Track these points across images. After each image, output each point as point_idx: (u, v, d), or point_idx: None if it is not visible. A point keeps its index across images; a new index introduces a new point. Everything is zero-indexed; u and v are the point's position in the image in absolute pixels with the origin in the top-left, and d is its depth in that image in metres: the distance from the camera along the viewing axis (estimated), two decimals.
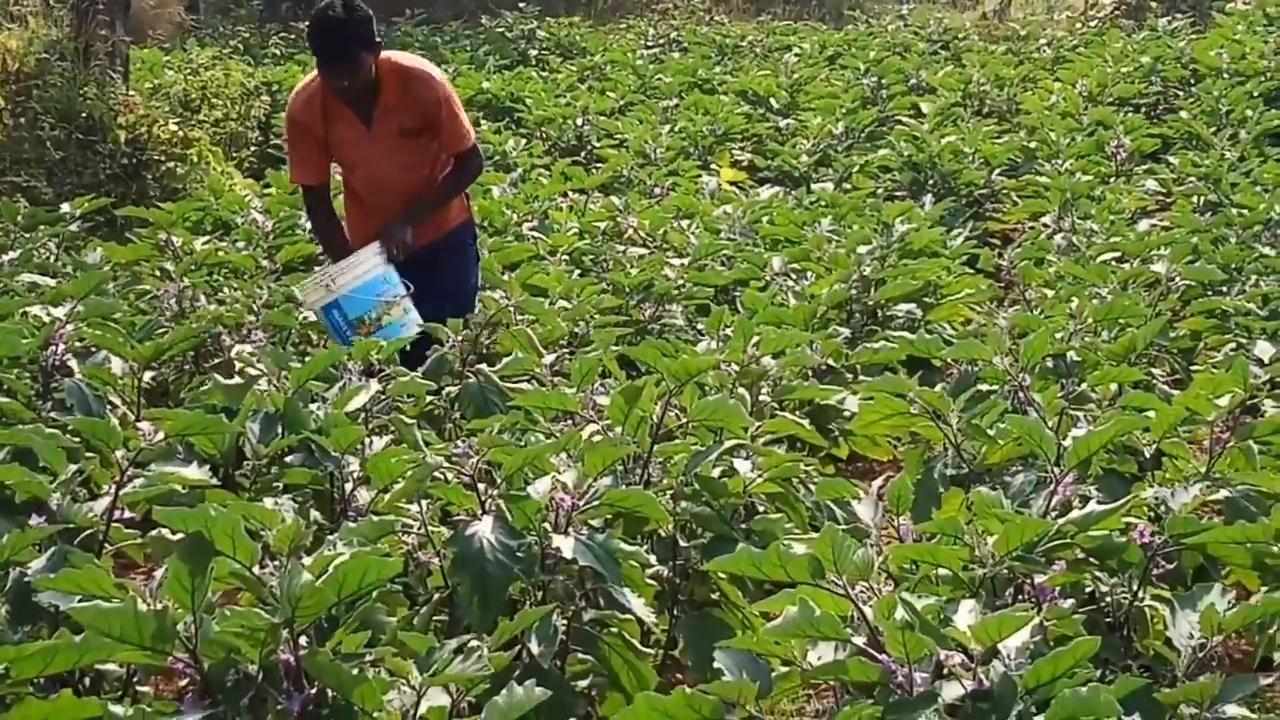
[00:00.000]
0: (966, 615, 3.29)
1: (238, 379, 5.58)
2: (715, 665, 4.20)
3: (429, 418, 5.89)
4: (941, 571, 3.84)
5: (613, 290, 8.02)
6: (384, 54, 6.85)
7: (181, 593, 3.18)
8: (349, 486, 4.82)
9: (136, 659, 3.28)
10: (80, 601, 3.32)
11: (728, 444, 4.69)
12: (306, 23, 7.00)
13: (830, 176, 12.57)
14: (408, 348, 6.42)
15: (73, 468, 4.46)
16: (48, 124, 11.87)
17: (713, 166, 13.12)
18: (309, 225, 8.02)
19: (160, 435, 4.30)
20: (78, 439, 4.70)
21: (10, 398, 5.53)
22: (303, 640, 3.28)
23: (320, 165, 7.11)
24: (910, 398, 5.19)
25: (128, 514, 4.34)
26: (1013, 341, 5.93)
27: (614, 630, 4.11)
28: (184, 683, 4.80)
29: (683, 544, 4.59)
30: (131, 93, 12.72)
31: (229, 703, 3.27)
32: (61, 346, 5.83)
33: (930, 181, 11.85)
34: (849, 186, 11.99)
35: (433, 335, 6.42)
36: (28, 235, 9.26)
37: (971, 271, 8.99)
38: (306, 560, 3.38)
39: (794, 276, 8.40)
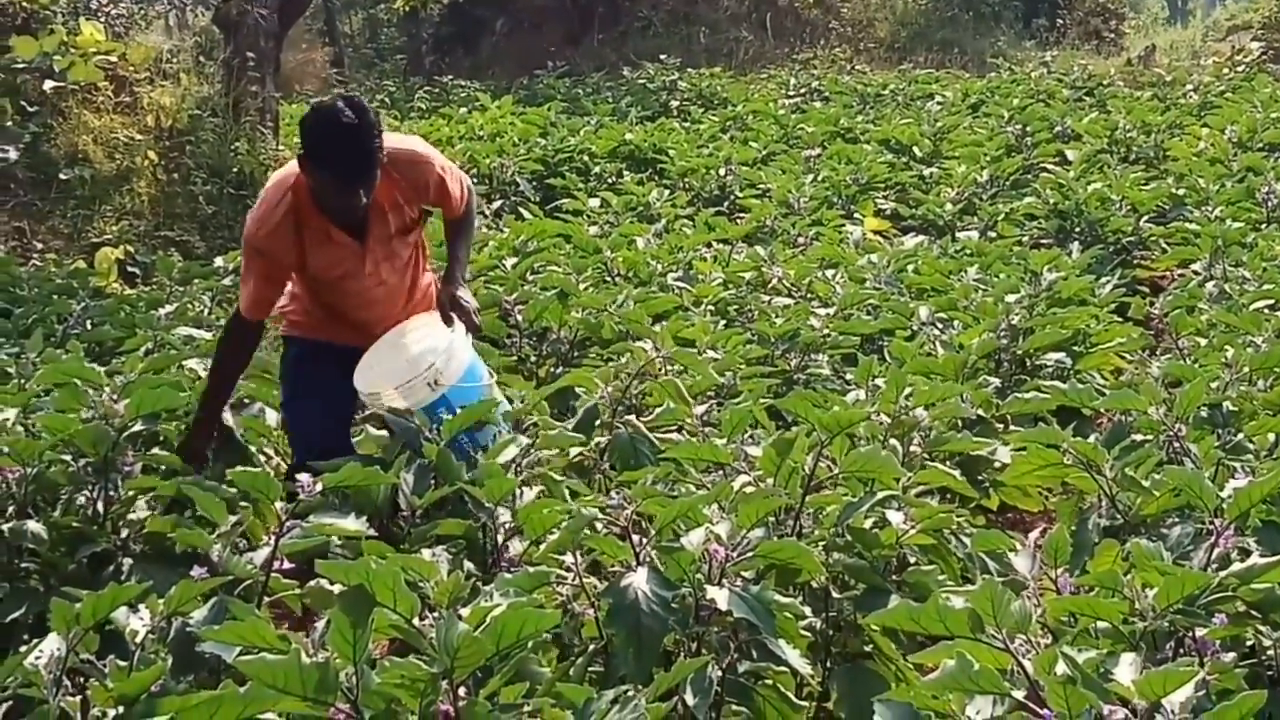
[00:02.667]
0: (1128, 669, 3.26)
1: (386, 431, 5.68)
2: (871, 718, 4.24)
3: (578, 468, 5.92)
4: (1101, 625, 3.80)
5: (758, 340, 8.01)
6: None
7: (344, 644, 3.21)
8: (501, 537, 4.86)
9: (299, 709, 3.31)
10: (242, 653, 3.37)
11: (880, 495, 4.67)
12: (313, 132, 5.48)
13: (975, 225, 12.48)
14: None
15: (232, 519, 4.53)
16: (200, 179, 12.12)
17: (856, 215, 13.07)
18: (219, 357, 5.94)
19: (318, 487, 4.36)
20: (234, 490, 4.78)
21: (169, 451, 5.62)
22: (461, 691, 3.31)
23: (275, 299, 5.95)
24: (1064, 448, 5.15)
25: (286, 564, 4.41)
26: (1166, 391, 5.85)
27: (768, 682, 4.11)
28: None
29: (835, 595, 4.57)
30: (281, 147, 12.94)
31: None
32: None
33: (1077, 229, 11.73)
34: (994, 235, 11.90)
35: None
36: (182, 289, 9.45)
37: (1120, 320, 8.89)
38: (464, 611, 3.41)
39: (941, 326, 8.36)
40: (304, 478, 4.36)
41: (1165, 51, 26.21)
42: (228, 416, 6.01)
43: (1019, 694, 3.14)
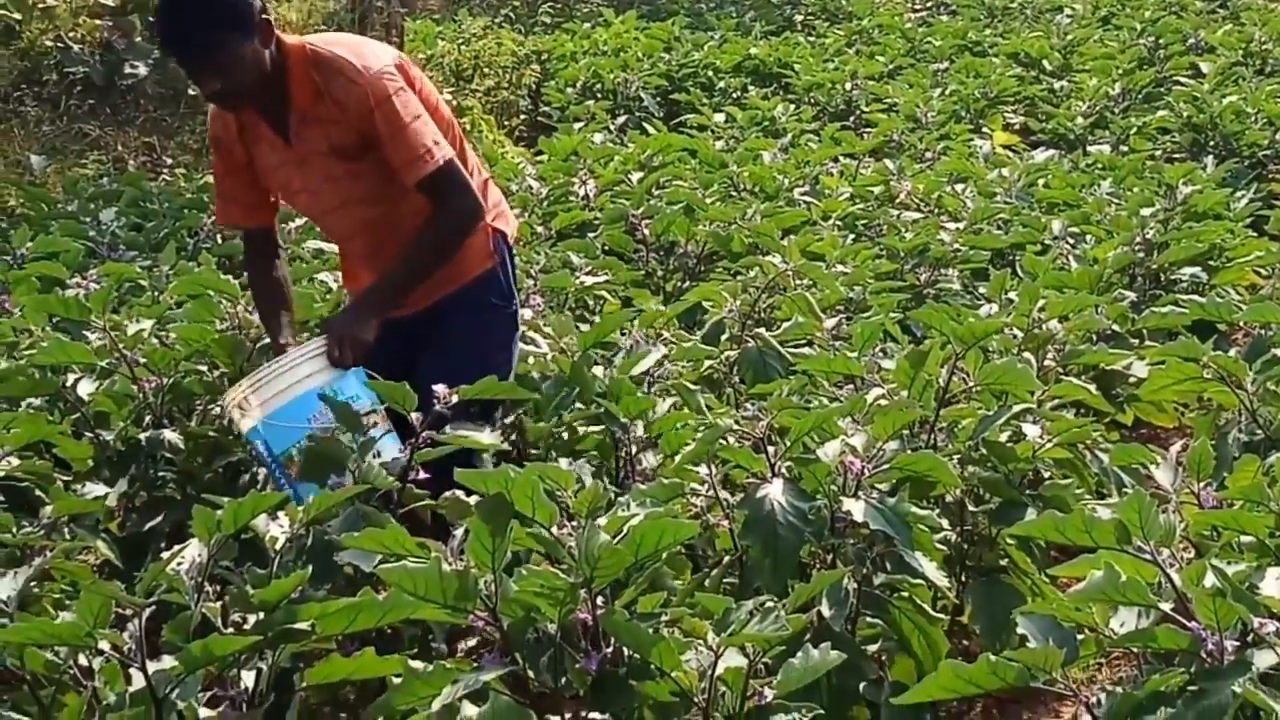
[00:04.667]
0: (1275, 583, 3.19)
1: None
2: (1006, 632, 4.21)
3: (708, 382, 5.91)
4: (1245, 539, 3.74)
5: (887, 255, 7.95)
6: (305, 38, 4.84)
7: (483, 553, 3.21)
8: (634, 450, 4.86)
9: (438, 617, 3.33)
10: (382, 561, 3.38)
11: (1016, 408, 4.62)
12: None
13: (1106, 139, 12.31)
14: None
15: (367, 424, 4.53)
16: None
17: (985, 130, 12.91)
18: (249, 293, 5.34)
19: (454, 398, 4.36)
20: None
21: None
22: (599, 600, 3.31)
23: (250, 201, 5.09)
24: (1203, 362, 5.07)
25: (421, 475, 4.42)
26: None
27: (904, 595, 4.08)
28: (474, 643, 4.92)
29: (970, 509, 4.54)
30: None
31: (528, 660, 3.31)
32: None
33: (1211, 143, 11.54)
34: (1126, 149, 11.72)
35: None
36: None
37: (1256, 235, 8.73)
38: (600, 522, 3.40)
39: (1073, 240, 8.26)
40: (439, 388, 4.35)
41: None
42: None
43: (1166, 606, 3.09)
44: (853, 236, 8.60)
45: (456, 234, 4.79)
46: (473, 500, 4.00)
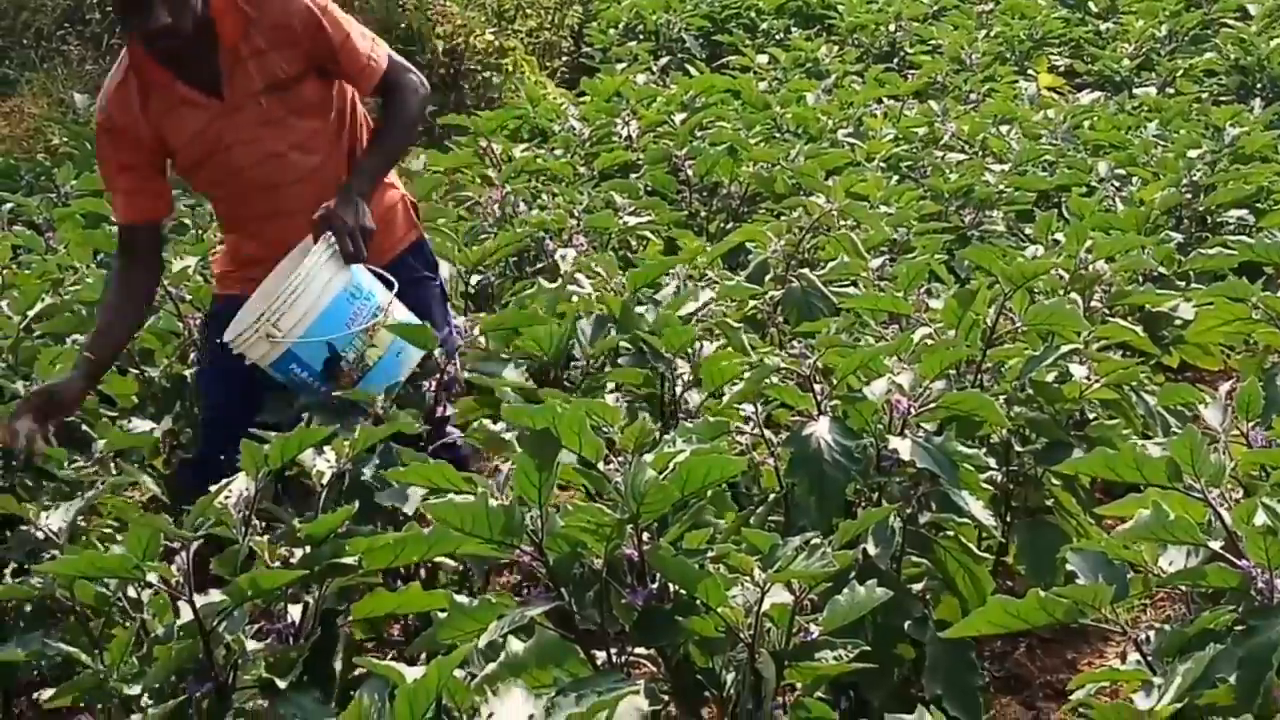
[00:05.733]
0: None
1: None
2: (1051, 572, 4.20)
3: (752, 322, 5.89)
4: None
5: (931, 196, 7.91)
6: None
7: (529, 487, 3.20)
8: (679, 389, 4.85)
9: (483, 552, 3.32)
10: (428, 496, 3.39)
11: (1063, 349, 4.60)
12: None
13: (1153, 81, 12.23)
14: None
15: None
16: None
17: (1030, 72, 12.84)
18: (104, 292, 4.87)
19: (477, 330, 4.37)
20: None
21: None
22: (645, 536, 3.30)
23: (157, 190, 4.62)
24: (1252, 303, 5.03)
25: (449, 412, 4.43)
26: None
27: (949, 534, 4.07)
28: (517, 579, 4.94)
29: (1017, 449, 4.52)
30: (448, 3, 12.90)
31: (574, 596, 3.31)
32: None
33: (1258, 85, 11.48)
34: (1172, 91, 11.65)
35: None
36: None
37: None
38: (646, 458, 3.39)
39: (1119, 182, 8.21)
40: (460, 321, 4.34)
41: None
42: None
43: (1215, 545, 3.08)
44: (897, 178, 8.56)
45: (421, 107, 4.64)
46: (512, 436, 4.02)
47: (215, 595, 3.22)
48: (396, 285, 4.41)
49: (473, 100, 11.84)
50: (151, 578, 3.27)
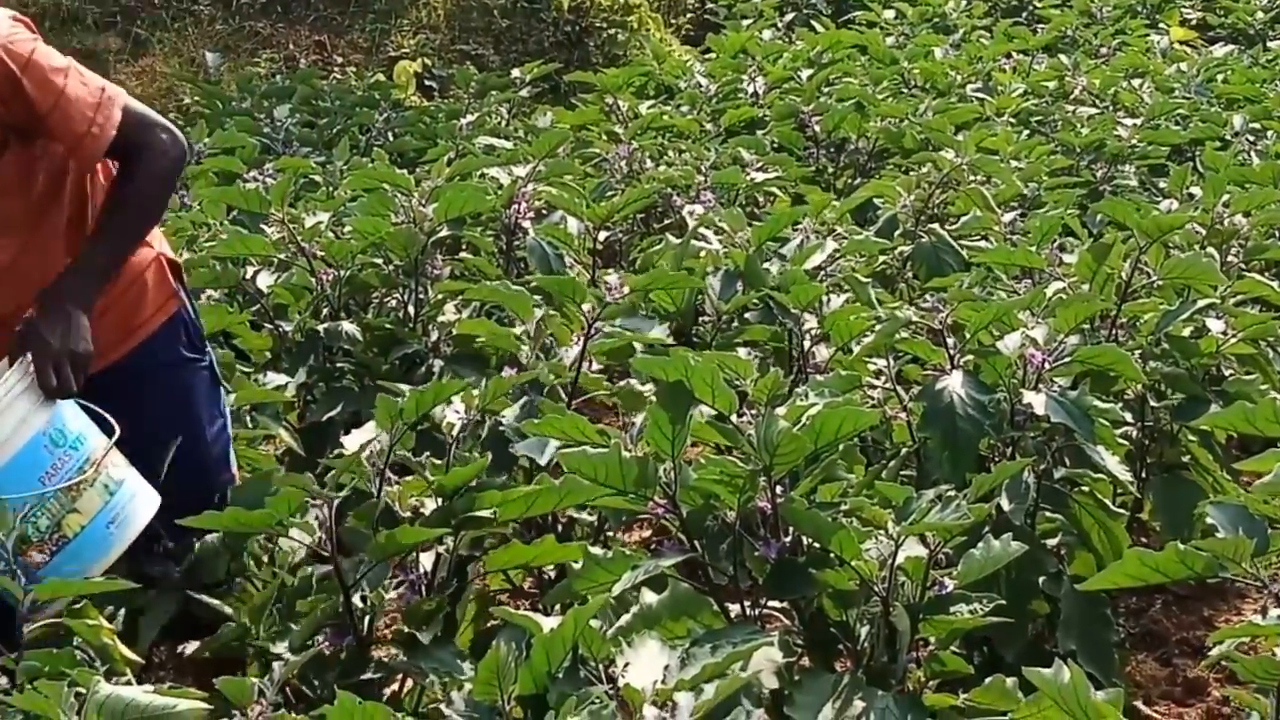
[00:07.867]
0: None
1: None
2: (1188, 528, 4.15)
3: (880, 278, 5.86)
4: None
5: (1062, 151, 7.83)
6: None
7: (662, 440, 3.21)
8: (807, 343, 4.83)
9: (616, 504, 3.33)
10: (562, 447, 3.40)
11: (1199, 303, 4.53)
12: None
13: None
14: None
15: (538, 314, 4.55)
16: None
17: (1161, 25, 12.66)
18: None
19: (626, 289, 4.37)
20: (539, 296, 4.81)
21: (475, 255, 5.67)
22: (778, 489, 3.30)
23: None
24: None
25: (594, 366, 4.43)
26: None
27: (1084, 489, 4.02)
28: (648, 533, 4.95)
29: (1152, 404, 4.47)
30: None
31: (707, 548, 3.31)
32: (523, 205, 5.86)
33: None
34: None
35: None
36: (479, 101, 9.54)
37: None
38: (779, 411, 3.39)
39: (1254, 136, 8.09)
40: (612, 278, 4.35)
41: None
42: None
43: None
44: (1026, 133, 8.47)
45: (168, 173, 3.64)
46: (648, 389, 4.02)
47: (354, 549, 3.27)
48: (118, 431, 3.41)
49: (598, 58, 11.87)
50: (294, 533, 3.31)
